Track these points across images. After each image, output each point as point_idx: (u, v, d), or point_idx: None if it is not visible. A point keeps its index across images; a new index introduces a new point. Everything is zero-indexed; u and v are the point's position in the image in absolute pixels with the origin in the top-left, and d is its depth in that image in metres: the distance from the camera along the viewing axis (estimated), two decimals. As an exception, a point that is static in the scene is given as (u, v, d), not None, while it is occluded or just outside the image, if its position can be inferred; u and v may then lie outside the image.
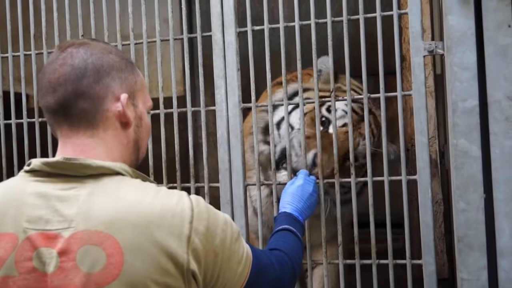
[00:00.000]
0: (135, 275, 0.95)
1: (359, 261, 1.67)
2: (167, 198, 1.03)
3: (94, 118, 1.05)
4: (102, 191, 1.01)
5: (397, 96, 1.64)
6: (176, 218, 0.99)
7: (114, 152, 1.07)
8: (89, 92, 1.04)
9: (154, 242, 0.96)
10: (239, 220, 1.73)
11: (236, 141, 1.73)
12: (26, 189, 1.02)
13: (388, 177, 1.65)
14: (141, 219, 0.97)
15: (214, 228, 1.02)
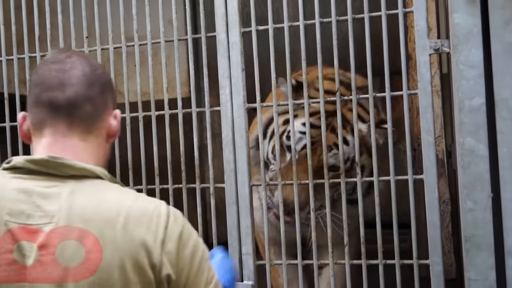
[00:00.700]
0: (111, 272, 0.97)
1: (365, 261, 1.67)
2: (146, 203, 1.07)
3: (93, 124, 1.11)
4: (83, 191, 1.04)
5: (403, 95, 1.64)
6: (152, 222, 1.02)
7: (97, 159, 1.12)
8: (96, 99, 1.10)
9: (132, 239, 0.99)
10: (245, 220, 1.73)
11: (242, 141, 1.73)
12: (7, 185, 1.04)
13: (394, 177, 1.65)
14: (121, 218, 1.00)
15: (186, 239, 1.05)
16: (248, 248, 1.73)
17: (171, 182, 1.82)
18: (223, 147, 1.76)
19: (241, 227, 1.74)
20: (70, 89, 1.07)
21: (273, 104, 1.74)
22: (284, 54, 1.71)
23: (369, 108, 1.67)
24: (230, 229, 1.75)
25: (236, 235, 1.74)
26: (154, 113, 1.84)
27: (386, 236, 1.67)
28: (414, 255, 1.62)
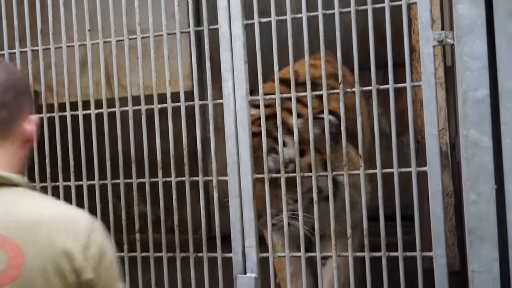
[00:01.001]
0: (34, 278, 0.98)
1: (368, 253, 1.67)
2: (67, 211, 1.09)
3: (9, 130, 1.11)
4: (1, 198, 1.05)
5: (407, 87, 1.63)
6: (74, 228, 1.03)
7: (13, 165, 1.12)
8: (10, 105, 1.10)
9: (55, 246, 1.00)
10: (248, 213, 1.73)
11: (244, 134, 1.73)
12: None
13: (397, 169, 1.64)
14: (43, 225, 1.02)
15: (105, 249, 1.06)
16: (251, 240, 1.74)
17: (174, 176, 1.83)
18: (226, 140, 1.76)
19: (244, 220, 1.74)
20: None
21: (276, 95, 1.74)
22: (287, 46, 1.70)
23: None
24: (233, 222, 1.75)
25: (239, 227, 1.75)
26: (156, 106, 1.84)
27: (389, 229, 1.67)
28: (418, 247, 1.63)
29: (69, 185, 1.95)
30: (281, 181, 1.73)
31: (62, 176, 1.96)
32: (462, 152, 1.50)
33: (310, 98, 1.70)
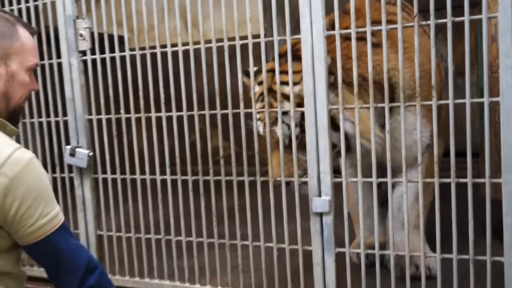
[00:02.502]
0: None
1: (438, 179, 1.71)
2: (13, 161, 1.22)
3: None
4: None
5: (482, 19, 1.60)
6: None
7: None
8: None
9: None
10: (323, 141, 1.79)
11: (320, 67, 1.76)
12: None
13: (470, 100, 1.64)
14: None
15: (22, 178, 1.21)
16: (325, 166, 1.80)
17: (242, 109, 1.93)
18: (303, 72, 1.79)
19: (319, 147, 1.80)
20: None
21: (336, 31, 1.74)
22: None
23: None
24: (309, 149, 1.82)
25: (314, 155, 1.81)
26: (238, 42, 1.89)
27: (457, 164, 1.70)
28: (487, 174, 1.64)
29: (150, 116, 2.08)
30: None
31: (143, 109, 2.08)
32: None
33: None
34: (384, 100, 1.74)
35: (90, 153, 2.18)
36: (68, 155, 2.20)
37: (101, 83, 2.16)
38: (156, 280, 2.18)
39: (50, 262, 1.32)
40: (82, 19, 2.13)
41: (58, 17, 2.15)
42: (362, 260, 1.82)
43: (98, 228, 2.28)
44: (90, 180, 2.23)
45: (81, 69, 2.17)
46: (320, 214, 1.83)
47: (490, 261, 1.65)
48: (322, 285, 1.86)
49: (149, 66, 2.04)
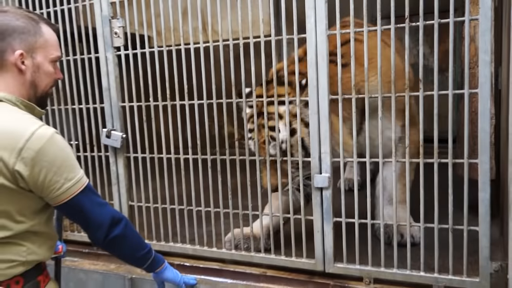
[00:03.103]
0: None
1: (423, 159, 1.73)
2: (22, 122, 1.26)
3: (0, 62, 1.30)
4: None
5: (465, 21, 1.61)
6: (16, 136, 1.22)
7: (11, 87, 1.31)
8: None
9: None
10: (324, 126, 1.81)
11: (323, 62, 1.77)
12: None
13: (452, 91, 1.66)
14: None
15: (46, 151, 1.24)
16: (326, 148, 1.83)
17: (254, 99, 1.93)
18: (307, 67, 1.81)
19: (321, 131, 1.83)
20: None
21: (337, 31, 1.75)
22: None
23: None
24: (312, 133, 1.84)
25: (317, 138, 1.84)
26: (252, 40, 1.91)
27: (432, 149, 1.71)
28: (465, 154, 1.67)
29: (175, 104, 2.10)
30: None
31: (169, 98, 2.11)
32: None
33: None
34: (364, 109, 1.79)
35: (123, 135, 2.22)
36: (104, 137, 2.23)
37: (133, 75, 2.18)
38: (179, 244, 2.22)
39: (79, 218, 1.37)
40: (116, 19, 2.15)
41: (96, 17, 2.17)
42: (356, 229, 1.85)
43: (130, 200, 2.31)
44: (123, 159, 2.26)
45: (116, 62, 2.19)
46: (320, 189, 1.86)
47: (467, 230, 1.69)
48: (322, 249, 1.90)
49: (174, 61, 2.06)
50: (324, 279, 1.91)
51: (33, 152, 1.23)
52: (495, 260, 1.70)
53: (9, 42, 1.29)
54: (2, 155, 1.22)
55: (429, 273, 1.76)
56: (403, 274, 1.79)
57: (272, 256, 2.01)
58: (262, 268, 2.04)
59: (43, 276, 1.38)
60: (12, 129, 1.24)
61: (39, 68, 1.35)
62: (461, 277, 1.72)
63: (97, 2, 2.15)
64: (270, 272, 2.00)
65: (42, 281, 1.37)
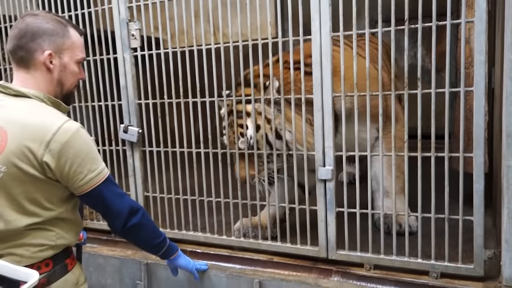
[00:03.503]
0: (9, 156, 1.24)
1: (421, 153, 1.72)
2: (50, 117, 1.27)
3: (28, 63, 1.32)
4: (15, 105, 1.28)
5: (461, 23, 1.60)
6: (44, 129, 1.24)
7: (40, 84, 1.33)
8: (25, 46, 1.30)
9: (23, 142, 1.23)
10: (327, 122, 1.81)
11: (327, 62, 1.76)
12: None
13: (448, 89, 1.65)
14: (23, 124, 1.25)
15: (71, 143, 1.25)
16: (329, 142, 1.83)
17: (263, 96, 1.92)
18: (312, 66, 1.80)
19: (325, 127, 1.82)
20: (11, 42, 1.32)
21: (340, 32, 1.74)
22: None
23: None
24: (317, 129, 1.84)
25: (321, 132, 1.84)
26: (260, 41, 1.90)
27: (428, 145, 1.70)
28: (461, 149, 1.65)
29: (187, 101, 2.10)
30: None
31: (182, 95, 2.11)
32: (506, 73, 1.48)
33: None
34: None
35: (139, 130, 2.22)
36: (122, 132, 2.24)
37: (148, 74, 2.19)
38: (191, 232, 2.22)
39: (100, 207, 1.38)
40: (133, 22, 2.15)
41: (114, 20, 2.17)
42: (357, 219, 1.85)
43: (145, 190, 2.32)
44: (139, 152, 2.27)
45: (133, 62, 2.20)
46: (324, 181, 1.86)
47: (462, 220, 1.68)
48: (325, 237, 1.90)
49: (187, 61, 2.06)
50: (327, 265, 1.90)
51: (60, 145, 1.24)
52: (489, 248, 1.69)
53: (39, 43, 1.31)
54: (31, 146, 1.23)
55: (426, 260, 1.75)
56: (401, 261, 1.79)
57: (278, 244, 2.01)
58: (269, 255, 2.04)
59: (70, 259, 1.40)
60: (41, 123, 1.25)
61: (65, 67, 1.36)
62: (456, 264, 1.71)
63: (115, 6, 2.15)
64: (276, 259, 2.01)
65: (69, 264, 1.39)
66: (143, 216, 1.44)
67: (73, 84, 1.41)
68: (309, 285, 1.84)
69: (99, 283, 2.27)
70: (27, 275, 1.22)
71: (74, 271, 1.39)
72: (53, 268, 1.33)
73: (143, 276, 2.14)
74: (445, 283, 1.70)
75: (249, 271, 2.00)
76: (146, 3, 2.09)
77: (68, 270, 1.37)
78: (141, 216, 1.43)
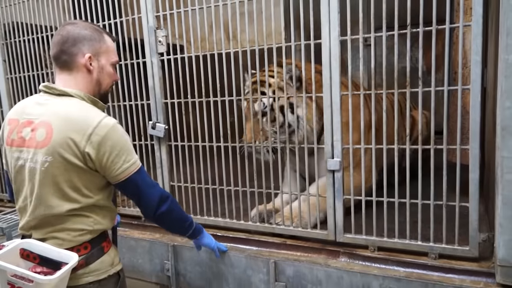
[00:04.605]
0: (55, 146, 1.25)
1: (421, 146, 1.70)
2: (91, 113, 1.28)
3: (70, 65, 1.33)
4: (59, 103, 1.30)
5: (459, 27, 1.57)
6: (86, 124, 1.25)
7: (80, 85, 1.34)
8: (67, 51, 1.32)
9: (67, 134, 1.25)
10: (336, 117, 1.79)
11: (335, 63, 1.75)
12: (32, 99, 1.37)
13: (447, 87, 1.63)
14: (67, 119, 1.26)
15: (109, 136, 1.26)
16: (338, 136, 1.81)
17: (277, 95, 1.90)
18: (322, 67, 1.77)
19: (333, 122, 1.81)
20: (54, 48, 1.34)
21: (348, 36, 1.72)
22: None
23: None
24: (326, 124, 1.83)
25: (330, 128, 1.82)
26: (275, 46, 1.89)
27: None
28: (458, 141, 1.63)
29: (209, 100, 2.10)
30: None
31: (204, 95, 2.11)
32: (502, 72, 1.45)
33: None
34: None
35: (165, 126, 2.23)
36: (150, 128, 2.25)
37: (174, 76, 2.19)
38: (212, 218, 2.23)
39: (133, 195, 1.39)
40: (160, 29, 2.16)
41: (143, 28, 2.18)
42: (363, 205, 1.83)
43: (171, 180, 2.33)
44: (166, 146, 2.28)
45: (159, 66, 2.20)
46: (332, 171, 1.85)
47: (458, 206, 1.66)
48: (333, 222, 1.89)
49: (209, 65, 2.06)
50: (335, 247, 1.90)
51: (100, 137, 1.25)
52: (482, 232, 1.67)
53: (80, 48, 1.33)
54: (75, 138, 1.24)
55: (425, 242, 1.74)
56: (403, 243, 1.77)
57: (291, 228, 2.01)
58: (283, 238, 2.03)
59: (106, 242, 1.41)
60: (83, 118, 1.27)
61: (103, 69, 1.37)
62: (453, 246, 1.69)
63: (144, 15, 2.15)
64: (289, 241, 2.00)
65: (105, 246, 1.40)
66: (172, 203, 1.44)
67: (109, 84, 1.42)
68: (319, 264, 1.83)
69: (131, 263, 2.29)
70: (68, 257, 1.24)
71: (110, 253, 1.40)
72: (91, 251, 1.34)
73: (170, 256, 2.16)
74: (443, 263, 1.69)
75: (265, 252, 2.00)
76: (172, 12, 2.09)
77: (104, 252, 1.38)
78: (170, 202, 1.43)
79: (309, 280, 1.84)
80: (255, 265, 1.95)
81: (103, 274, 1.36)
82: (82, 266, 1.32)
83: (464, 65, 1.93)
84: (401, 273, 1.71)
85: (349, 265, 1.81)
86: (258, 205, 2.11)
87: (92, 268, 1.34)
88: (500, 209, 1.49)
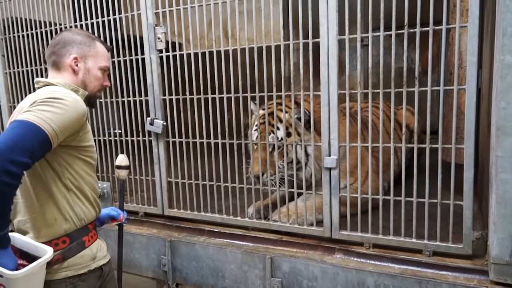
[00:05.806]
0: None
1: (417, 145, 1.70)
2: (58, 89, 1.30)
3: (59, 65, 1.38)
4: (42, 89, 1.32)
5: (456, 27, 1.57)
6: (35, 95, 1.27)
7: (66, 80, 1.37)
8: (57, 52, 1.37)
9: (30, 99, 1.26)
10: (333, 116, 1.78)
11: (333, 62, 1.74)
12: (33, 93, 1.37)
13: (443, 87, 1.62)
14: (35, 95, 1.27)
15: (38, 99, 1.22)
16: (334, 135, 1.81)
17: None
18: (320, 66, 1.76)
19: (330, 121, 1.80)
20: (48, 50, 1.40)
21: (346, 36, 1.71)
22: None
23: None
24: (323, 122, 1.82)
25: (327, 126, 1.81)
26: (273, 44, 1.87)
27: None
28: (453, 141, 1.63)
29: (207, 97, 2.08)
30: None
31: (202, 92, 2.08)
32: (497, 72, 1.45)
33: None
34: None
35: (163, 123, 2.21)
36: (148, 124, 2.23)
37: (172, 73, 2.17)
38: (209, 214, 2.21)
39: (3, 134, 1.13)
40: (159, 26, 2.13)
41: (142, 25, 2.15)
42: (358, 201, 1.83)
43: (169, 176, 2.31)
44: (163, 142, 2.26)
45: (158, 62, 2.18)
46: (329, 169, 1.84)
47: (453, 204, 1.65)
48: (329, 219, 1.88)
49: (207, 63, 2.04)
50: (330, 243, 1.89)
51: (33, 99, 1.27)
52: (475, 230, 1.67)
53: (68, 50, 1.38)
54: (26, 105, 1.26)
55: (419, 240, 1.73)
56: (397, 240, 1.77)
57: (287, 224, 2.00)
58: (279, 234, 2.03)
59: (88, 237, 1.35)
60: (48, 91, 1.29)
61: (89, 71, 1.40)
62: (447, 244, 1.69)
63: (143, 12, 2.13)
64: (285, 238, 1.99)
65: (87, 241, 1.35)
66: (13, 189, 1.08)
67: (96, 87, 1.42)
68: (315, 261, 1.82)
69: (128, 258, 2.27)
70: (44, 252, 1.20)
71: (92, 248, 1.36)
72: (69, 245, 1.30)
73: (167, 251, 2.14)
74: (437, 260, 1.69)
75: (261, 248, 1.99)
76: (171, 9, 2.07)
77: (86, 247, 1.34)
78: (14, 183, 1.06)
79: (305, 276, 1.83)
80: (251, 261, 1.94)
81: (83, 268, 1.32)
82: (59, 261, 1.27)
83: (460, 65, 1.92)
84: (395, 270, 1.71)
85: (345, 262, 1.81)
86: (254, 202, 2.10)
87: (71, 263, 1.30)
88: (494, 207, 1.49)
